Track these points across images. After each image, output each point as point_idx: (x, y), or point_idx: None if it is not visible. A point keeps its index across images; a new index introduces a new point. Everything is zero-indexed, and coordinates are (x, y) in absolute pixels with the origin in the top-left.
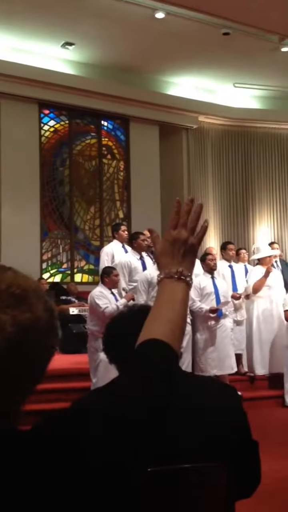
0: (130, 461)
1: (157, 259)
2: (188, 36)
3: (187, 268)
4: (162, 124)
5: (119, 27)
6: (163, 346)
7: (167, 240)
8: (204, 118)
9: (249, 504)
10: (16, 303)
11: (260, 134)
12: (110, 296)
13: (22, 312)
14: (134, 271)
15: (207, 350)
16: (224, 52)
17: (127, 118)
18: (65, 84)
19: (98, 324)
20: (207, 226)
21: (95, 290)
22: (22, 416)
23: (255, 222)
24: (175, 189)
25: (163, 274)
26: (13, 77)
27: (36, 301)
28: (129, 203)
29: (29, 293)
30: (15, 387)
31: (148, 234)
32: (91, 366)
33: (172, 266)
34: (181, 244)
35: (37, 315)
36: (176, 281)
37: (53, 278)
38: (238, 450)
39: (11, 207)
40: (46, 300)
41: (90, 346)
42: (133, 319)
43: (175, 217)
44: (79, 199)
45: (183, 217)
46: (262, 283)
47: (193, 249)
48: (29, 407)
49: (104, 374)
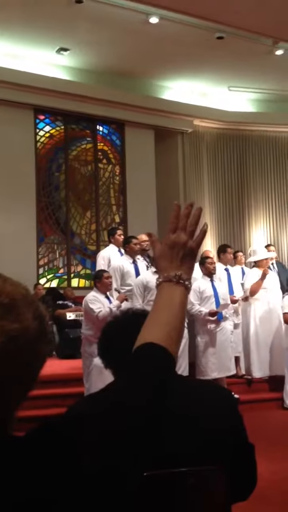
0: (125, 467)
1: (156, 263)
2: (182, 40)
3: (186, 272)
4: (157, 128)
5: (114, 32)
6: (159, 350)
7: (166, 244)
8: (199, 122)
9: (246, 507)
10: (5, 312)
11: (255, 137)
12: (104, 300)
13: (11, 322)
14: (126, 275)
15: (208, 353)
16: (218, 56)
17: (123, 123)
18: (60, 90)
19: (92, 328)
20: (206, 230)
21: (89, 294)
22: (16, 423)
23: (251, 225)
24: (171, 193)
25: (162, 278)
26: (8, 83)
27: (26, 309)
28: (125, 208)
29: (17, 301)
30: (6, 395)
31: (143, 238)
32: (84, 371)
33: (171, 270)
34: (180, 248)
35: (26, 324)
36: (175, 284)
37: (49, 283)
38: (234, 453)
39: (7, 212)
40: (37, 306)
41: (84, 351)
42: (128, 323)
43: (174, 220)
44: (75, 204)
45: (182, 220)
46: (259, 285)
47: (192, 253)
48: (25, 413)
49: (97, 380)
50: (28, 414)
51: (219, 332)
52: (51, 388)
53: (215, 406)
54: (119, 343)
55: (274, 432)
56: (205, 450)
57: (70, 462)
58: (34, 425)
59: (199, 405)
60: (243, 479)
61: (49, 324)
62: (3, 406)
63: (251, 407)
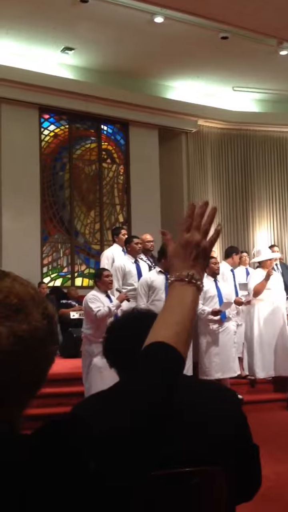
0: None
1: (169, 261)
2: (187, 40)
3: (198, 272)
4: (161, 128)
5: (119, 32)
6: (169, 350)
7: (179, 243)
8: (203, 122)
9: (250, 508)
10: (13, 313)
11: (260, 138)
12: (104, 299)
13: (19, 322)
14: (128, 274)
15: (211, 353)
16: (223, 56)
17: (127, 122)
18: (65, 89)
19: (92, 327)
20: (220, 230)
21: (89, 294)
22: (24, 421)
23: (255, 225)
24: (175, 193)
25: (174, 277)
26: (13, 82)
27: (34, 309)
28: (129, 207)
29: (26, 302)
30: (15, 395)
31: (147, 238)
32: (83, 371)
33: (183, 269)
34: (193, 247)
35: (34, 324)
36: (187, 284)
37: (53, 282)
38: (239, 454)
39: (11, 211)
40: (45, 306)
41: (83, 350)
42: (133, 323)
43: (188, 219)
44: (79, 203)
45: (196, 220)
46: (263, 286)
47: (205, 253)
48: (30, 411)
49: (97, 379)
50: (32, 413)
51: (223, 332)
52: (55, 387)
53: (219, 407)
54: (123, 343)
55: (278, 433)
56: (209, 450)
57: (75, 463)
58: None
59: (204, 405)
60: (248, 479)
61: (57, 323)
62: (12, 405)
63: (254, 408)
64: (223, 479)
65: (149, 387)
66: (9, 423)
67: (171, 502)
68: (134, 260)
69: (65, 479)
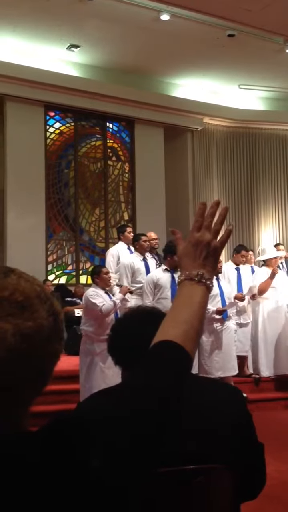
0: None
1: (179, 261)
2: (193, 37)
3: (209, 271)
4: (167, 126)
5: (125, 29)
6: (177, 349)
7: (190, 242)
8: (209, 120)
9: (253, 506)
10: (19, 311)
11: (265, 136)
12: (104, 296)
13: (25, 320)
14: (137, 272)
15: (213, 352)
16: (229, 54)
17: (132, 120)
18: (70, 86)
19: (94, 325)
20: (231, 230)
21: (88, 290)
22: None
23: (260, 224)
24: (180, 191)
25: (184, 276)
26: (19, 79)
27: (40, 306)
28: (134, 205)
29: (32, 299)
30: (21, 392)
31: (152, 236)
32: (82, 370)
33: (193, 268)
34: (204, 247)
35: (40, 322)
36: (196, 283)
37: (58, 280)
38: (243, 452)
39: (16, 209)
40: (51, 303)
41: (84, 348)
42: (138, 321)
43: (199, 219)
44: (84, 201)
45: (207, 219)
46: (268, 284)
47: (216, 252)
48: (34, 408)
49: (99, 379)
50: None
51: (224, 331)
52: (60, 384)
53: (224, 405)
54: (128, 341)
55: (281, 432)
56: (214, 448)
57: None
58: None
59: (209, 403)
60: (252, 478)
61: (63, 320)
62: (18, 402)
63: (258, 407)
64: (228, 478)
65: (157, 385)
66: (16, 420)
67: (175, 499)
68: (142, 258)
69: (68, 476)
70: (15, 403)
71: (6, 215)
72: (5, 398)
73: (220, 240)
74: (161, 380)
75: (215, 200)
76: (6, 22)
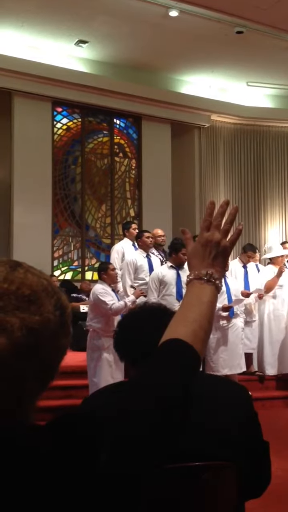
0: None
1: (188, 260)
2: (202, 34)
3: (218, 271)
4: (174, 123)
5: (133, 25)
6: (186, 348)
7: (199, 242)
8: (217, 117)
9: (257, 504)
10: (26, 305)
11: (273, 133)
12: (112, 293)
13: (32, 314)
14: (140, 269)
15: (219, 349)
16: (237, 51)
17: (140, 116)
18: (78, 82)
19: (101, 321)
20: (241, 230)
21: (96, 287)
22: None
23: (266, 222)
24: (187, 188)
25: (193, 275)
26: (27, 75)
27: (47, 300)
28: (140, 202)
29: (39, 293)
30: (27, 386)
31: (158, 232)
32: (89, 365)
33: (202, 268)
34: (213, 246)
35: (46, 316)
36: (205, 283)
37: (64, 276)
38: (249, 450)
39: (23, 204)
40: (58, 297)
41: (90, 344)
42: (144, 317)
43: (208, 218)
44: (91, 197)
45: (217, 219)
46: (274, 282)
47: (225, 252)
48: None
49: (107, 373)
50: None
51: (231, 328)
52: (65, 380)
53: (230, 402)
54: (133, 335)
55: (285, 430)
56: (220, 446)
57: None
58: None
59: (214, 400)
60: (258, 476)
61: (70, 315)
62: (25, 396)
63: (263, 405)
64: (233, 475)
65: (166, 383)
66: (23, 413)
67: (180, 496)
68: (146, 255)
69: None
70: (22, 397)
71: (13, 210)
72: (12, 392)
73: (230, 239)
74: (171, 378)
75: (225, 200)
76: (14, 17)
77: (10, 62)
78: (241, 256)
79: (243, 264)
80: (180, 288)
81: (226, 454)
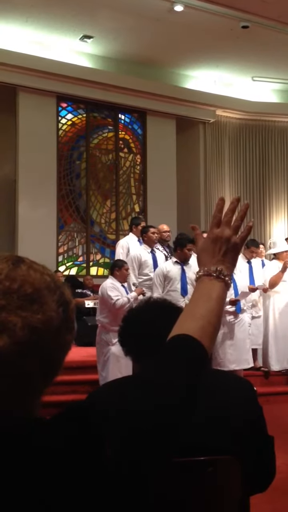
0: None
1: (198, 256)
2: (207, 29)
3: (228, 268)
4: (179, 118)
5: (138, 20)
6: (194, 343)
7: (209, 238)
8: (222, 112)
9: (264, 499)
10: (28, 303)
11: (278, 128)
12: (121, 289)
13: (34, 313)
14: (144, 264)
15: (225, 345)
16: (243, 45)
17: (144, 112)
18: (83, 77)
19: (109, 316)
20: (251, 227)
21: (106, 282)
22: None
23: (271, 217)
24: (192, 183)
25: (202, 272)
26: (32, 70)
27: (49, 298)
28: (145, 197)
29: (41, 291)
30: (32, 383)
31: (164, 228)
32: (99, 359)
33: (211, 264)
34: (223, 243)
35: (49, 314)
36: (215, 279)
37: (68, 271)
38: (253, 444)
39: (28, 200)
40: (61, 293)
41: (100, 339)
42: (149, 312)
43: (218, 214)
44: (96, 192)
45: (228, 215)
46: (279, 277)
47: (236, 249)
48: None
49: (114, 368)
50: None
51: (237, 324)
52: (70, 375)
53: (234, 396)
54: (139, 331)
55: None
56: (224, 440)
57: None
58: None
59: (219, 395)
60: (262, 470)
61: (74, 310)
62: (30, 392)
63: (267, 400)
64: (237, 469)
65: (174, 379)
66: (29, 408)
67: (185, 490)
68: (150, 250)
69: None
70: (26, 393)
71: (18, 205)
72: (17, 388)
73: (240, 236)
74: (178, 373)
75: (236, 197)
76: (18, 13)
77: (15, 57)
78: (244, 252)
79: (247, 259)
80: (184, 283)
81: (231, 449)
